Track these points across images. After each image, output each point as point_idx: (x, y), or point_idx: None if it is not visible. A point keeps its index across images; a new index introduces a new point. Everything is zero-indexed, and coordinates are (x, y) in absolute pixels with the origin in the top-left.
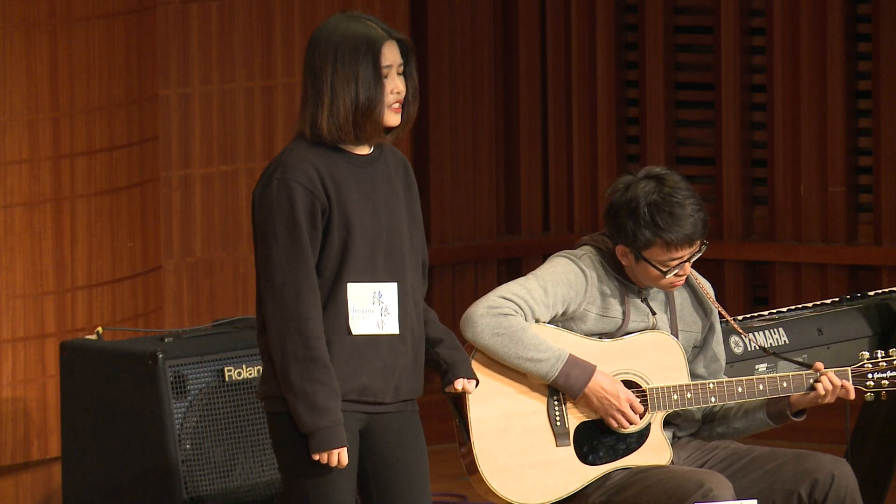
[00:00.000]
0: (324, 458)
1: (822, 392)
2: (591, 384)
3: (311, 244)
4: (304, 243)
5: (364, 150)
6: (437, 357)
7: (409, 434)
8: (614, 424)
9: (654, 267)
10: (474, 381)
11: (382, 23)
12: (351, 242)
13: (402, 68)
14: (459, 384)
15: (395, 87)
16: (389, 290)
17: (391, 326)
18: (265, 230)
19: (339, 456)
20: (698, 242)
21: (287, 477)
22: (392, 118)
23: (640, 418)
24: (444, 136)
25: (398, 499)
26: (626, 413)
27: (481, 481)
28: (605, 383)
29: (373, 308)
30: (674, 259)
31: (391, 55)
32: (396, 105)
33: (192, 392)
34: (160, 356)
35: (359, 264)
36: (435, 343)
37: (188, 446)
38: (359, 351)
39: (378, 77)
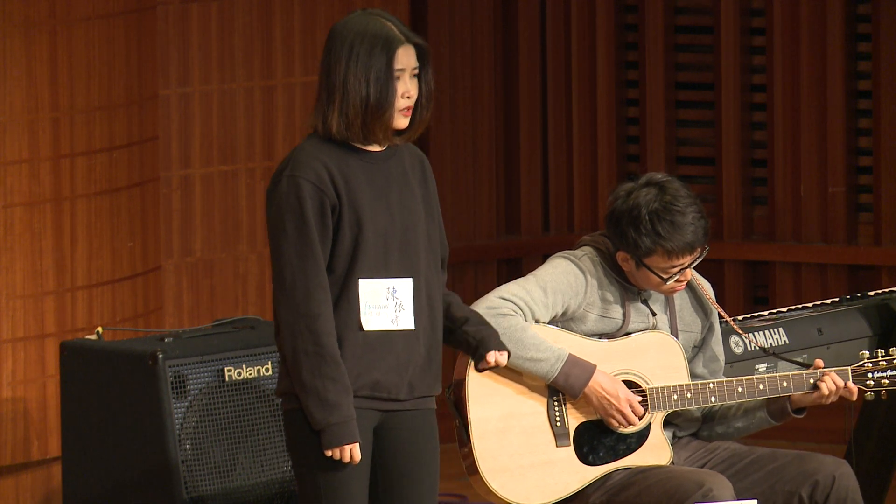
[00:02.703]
0: (336, 454)
1: (826, 392)
2: (590, 384)
3: (320, 241)
4: (313, 240)
5: (377, 148)
6: (466, 336)
7: (423, 433)
8: (614, 424)
9: (655, 274)
10: (506, 353)
11: (403, 24)
12: (362, 239)
13: (416, 72)
14: (492, 356)
15: (406, 90)
16: (404, 286)
17: (406, 322)
18: (275, 228)
19: (352, 451)
20: (699, 249)
21: (301, 474)
22: (400, 121)
23: (640, 419)
24: (444, 136)
25: (404, 497)
26: (626, 413)
27: (481, 482)
28: (605, 383)
29: (387, 304)
30: (674, 266)
31: (406, 58)
32: (407, 109)
33: (192, 392)
34: (160, 356)
35: (371, 260)
36: (462, 322)
37: (188, 446)
38: (371, 347)
39: (390, 79)
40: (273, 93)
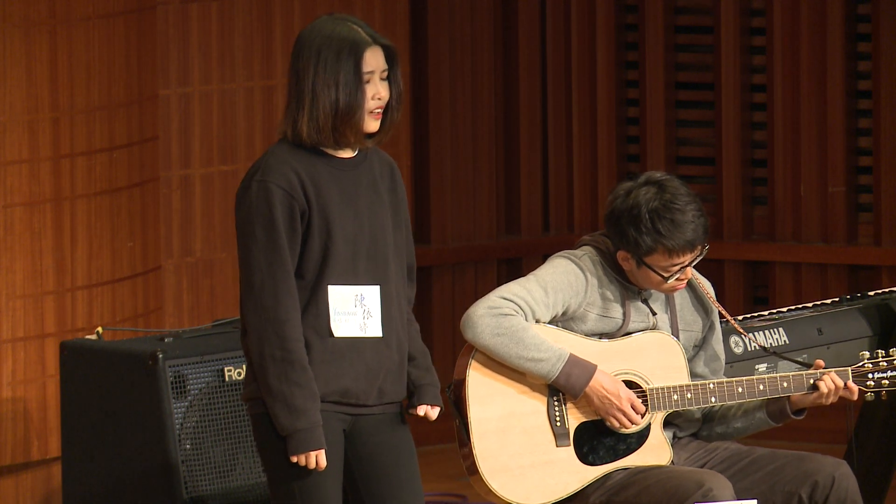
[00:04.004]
0: (302, 460)
1: (825, 391)
2: (591, 384)
3: (290, 247)
4: (283, 246)
5: (347, 154)
6: (408, 375)
7: (396, 436)
8: (615, 424)
9: (656, 272)
10: (438, 409)
11: (369, 27)
12: (332, 245)
13: (385, 74)
14: (422, 410)
15: (376, 92)
16: (372, 293)
17: (374, 329)
18: (245, 232)
19: (318, 458)
20: (699, 247)
21: (272, 478)
22: (371, 124)
23: (641, 418)
24: (444, 136)
25: (388, 500)
26: (628, 412)
27: (481, 482)
28: (606, 383)
29: (355, 311)
30: (675, 265)
31: (374, 61)
32: (378, 111)
33: (192, 392)
34: (160, 356)
35: (340, 267)
36: (410, 359)
37: (188, 446)
38: (341, 353)
39: (359, 82)
40: (273, 93)
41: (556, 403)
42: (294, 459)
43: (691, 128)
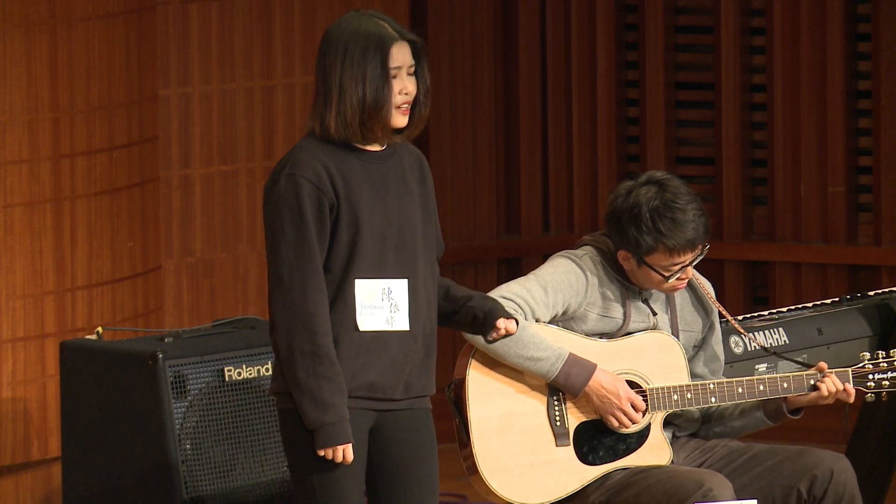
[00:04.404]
0: (329, 454)
1: (825, 393)
2: (591, 383)
3: (318, 240)
4: (311, 240)
5: (376, 147)
6: (472, 310)
7: (420, 432)
8: (615, 423)
9: (657, 272)
10: (514, 321)
11: (395, 23)
12: (360, 239)
13: (412, 69)
14: (501, 323)
15: (403, 87)
16: (399, 287)
17: (401, 323)
18: (273, 226)
19: (345, 452)
20: (700, 247)
21: (296, 472)
22: (399, 119)
23: (642, 416)
24: (444, 136)
25: (405, 497)
26: (628, 411)
27: (481, 481)
28: (606, 382)
29: (382, 304)
30: (676, 264)
31: (401, 56)
32: (405, 106)
33: (192, 392)
34: (160, 356)
35: (367, 261)
36: (465, 300)
37: (188, 446)
38: (367, 347)
39: (386, 77)
40: (273, 93)
41: (555, 403)
42: (321, 453)
43: (691, 128)
